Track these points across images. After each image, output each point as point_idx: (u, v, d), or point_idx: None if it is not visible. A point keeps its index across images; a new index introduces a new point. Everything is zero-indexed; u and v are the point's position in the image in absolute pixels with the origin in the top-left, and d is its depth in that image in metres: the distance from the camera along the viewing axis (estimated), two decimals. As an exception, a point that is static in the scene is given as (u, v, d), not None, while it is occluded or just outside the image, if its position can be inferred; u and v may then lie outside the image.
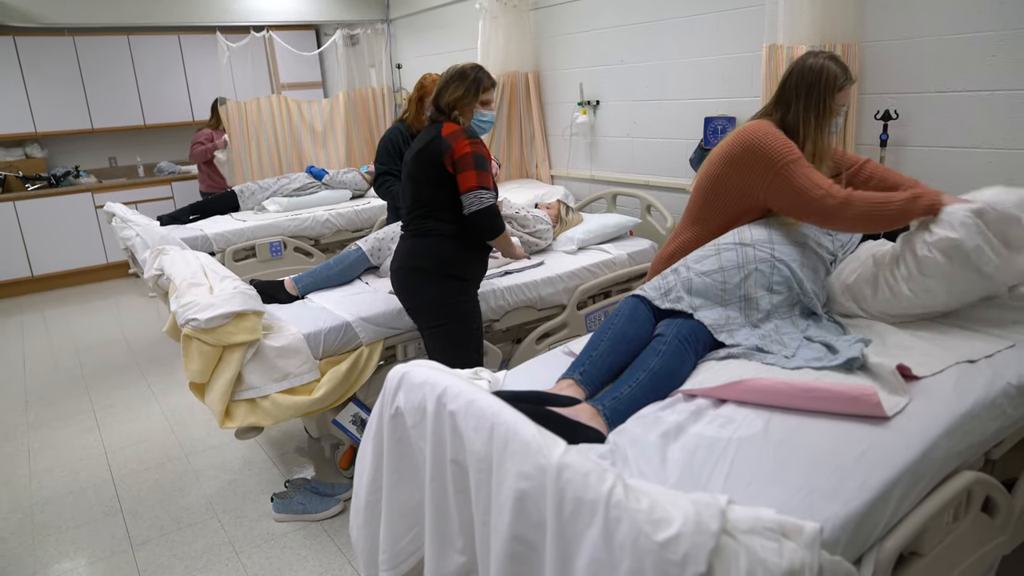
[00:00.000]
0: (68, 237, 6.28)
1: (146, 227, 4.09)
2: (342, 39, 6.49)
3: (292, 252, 4.67)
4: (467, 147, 2.44)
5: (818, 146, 2.15)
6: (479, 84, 2.53)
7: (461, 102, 2.52)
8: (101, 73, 6.43)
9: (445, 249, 2.55)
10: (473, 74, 2.54)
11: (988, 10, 2.62)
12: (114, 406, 3.82)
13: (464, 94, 2.52)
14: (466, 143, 2.44)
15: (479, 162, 2.44)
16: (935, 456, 1.42)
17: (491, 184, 2.48)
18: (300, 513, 2.69)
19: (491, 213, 2.47)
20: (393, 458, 1.46)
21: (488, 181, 2.46)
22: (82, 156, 6.78)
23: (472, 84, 2.52)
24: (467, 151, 2.44)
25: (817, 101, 2.12)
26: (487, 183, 2.46)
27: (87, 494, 2.96)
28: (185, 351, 2.45)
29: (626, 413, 1.60)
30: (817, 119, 2.13)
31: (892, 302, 2.04)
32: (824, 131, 2.16)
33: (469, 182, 2.43)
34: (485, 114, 2.58)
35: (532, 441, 1.12)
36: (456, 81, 2.53)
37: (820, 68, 2.12)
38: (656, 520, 1.00)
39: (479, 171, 2.44)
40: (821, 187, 2.02)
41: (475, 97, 2.54)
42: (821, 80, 2.11)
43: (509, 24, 4.64)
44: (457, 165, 2.45)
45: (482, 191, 2.43)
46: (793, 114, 2.15)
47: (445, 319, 2.56)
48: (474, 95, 2.53)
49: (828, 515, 1.22)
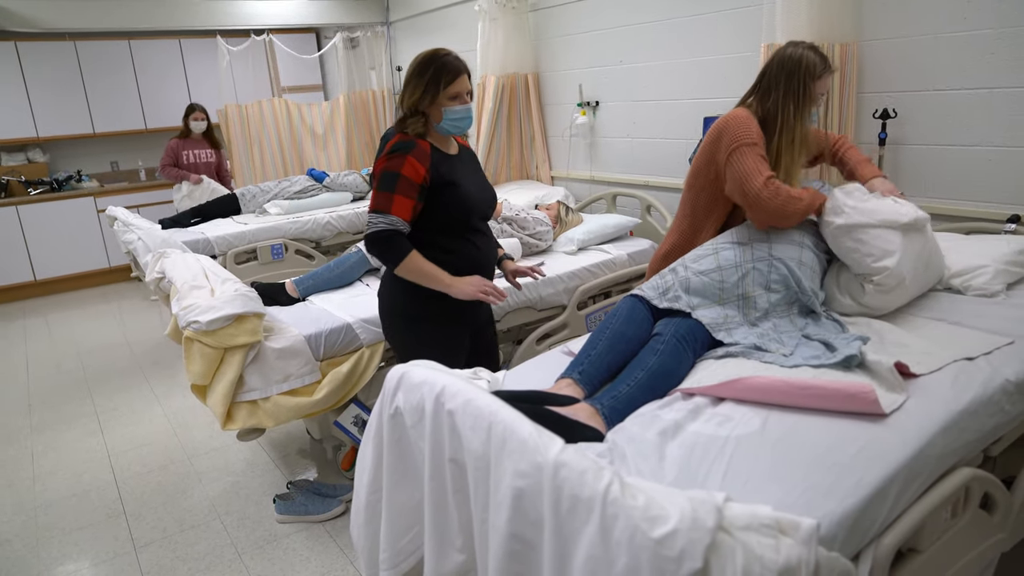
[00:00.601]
0: (70, 241, 6.30)
1: (148, 231, 4.11)
2: (342, 42, 6.51)
3: (293, 255, 4.68)
4: (380, 165, 2.11)
5: (797, 133, 2.17)
6: (439, 78, 2.08)
7: (422, 103, 2.11)
8: (102, 77, 6.46)
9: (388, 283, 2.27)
10: (432, 66, 2.09)
11: (986, 8, 2.62)
12: (117, 409, 3.83)
13: (424, 93, 2.09)
14: (383, 160, 2.10)
15: (384, 181, 2.07)
16: (932, 453, 1.43)
17: (391, 205, 2.05)
18: (302, 514, 2.70)
19: (376, 240, 2.07)
20: (392, 458, 1.47)
21: (387, 203, 2.05)
22: (84, 160, 6.81)
23: (431, 79, 2.08)
24: (378, 169, 2.11)
25: (796, 88, 2.15)
26: (386, 206, 2.05)
27: (90, 496, 2.97)
28: (187, 353, 2.46)
29: (624, 412, 1.61)
30: (796, 106, 2.16)
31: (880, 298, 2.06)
32: (803, 118, 2.18)
33: (371, 203, 2.11)
34: (455, 110, 2.12)
35: (529, 439, 1.13)
36: (414, 79, 2.11)
37: (799, 57, 2.16)
38: (652, 517, 1.01)
39: (379, 192, 2.07)
40: (761, 175, 2.08)
41: (437, 94, 2.09)
42: (800, 68, 2.14)
43: (508, 25, 4.65)
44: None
45: (373, 215, 2.07)
46: (772, 102, 2.18)
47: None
48: (434, 92, 2.08)
49: (825, 511, 1.23)
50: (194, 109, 5.58)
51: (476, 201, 2.20)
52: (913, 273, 2.06)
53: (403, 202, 2.06)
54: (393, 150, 2.09)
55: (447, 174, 2.13)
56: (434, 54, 2.12)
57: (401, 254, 2.08)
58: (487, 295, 2.11)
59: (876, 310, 2.08)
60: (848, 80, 2.97)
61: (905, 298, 2.11)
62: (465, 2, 5.25)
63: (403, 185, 2.05)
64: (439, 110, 2.12)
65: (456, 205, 2.14)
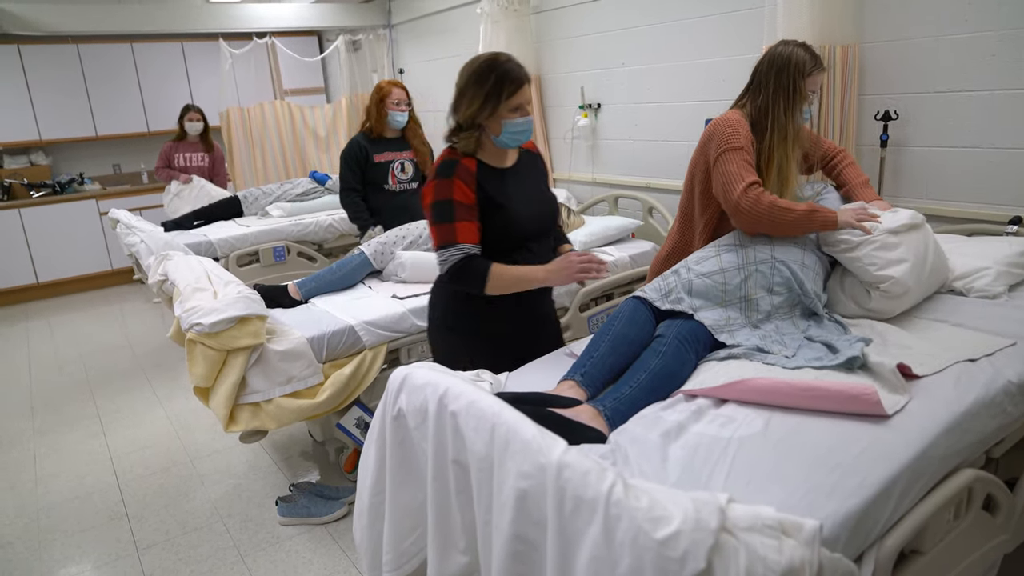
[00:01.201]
0: (73, 244, 6.31)
1: (150, 233, 4.11)
2: (344, 45, 6.53)
3: (295, 257, 4.69)
4: (429, 195, 1.99)
5: (789, 131, 2.16)
6: (501, 88, 1.92)
7: (482, 115, 1.95)
8: (105, 80, 6.47)
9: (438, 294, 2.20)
10: (493, 75, 1.92)
11: (988, 10, 2.62)
12: (119, 411, 3.84)
13: (483, 105, 1.94)
14: (430, 188, 1.99)
15: (439, 213, 1.97)
16: (935, 454, 1.43)
17: (455, 235, 1.95)
18: (305, 516, 2.70)
19: (456, 273, 1.97)
20: (395, 460, 1.47)
21: (451, 233, 1.96)
22: (86, 163, 6.82)
23: (492, 90, 1.92)
24: (428, 201, 2.00)
25: (786, 85, 2.14)
26: (451, 237, 1.96)
27: (93, 499, 2.98)
28: (189, 355, 2.47)
29: (627, 414, 1.61)
30: (786, 103, 2.15)
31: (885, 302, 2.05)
32: (794, 116, 2.17)
33: (434, 241, 2.01)
34: (516, 123, 1.96)
35: (532, 441, 1.13)
36: (471, 88, 1.94)
37: (788, 54, 2.15)
38: (656, 518, 1.01)
39: (439, 224, 1.97)
40: (743, 180, 2.07)
41: (498, 105, 1.93)
42: (790, 65, 2.14)
43: (510, 28, 4.66)
44: (427, 216, 2.04)
45: (442, 251, 1.98)
46: (763, 100, 2.18)
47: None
48: (495, 103, 1.93)
49: (828, 512, 1.23)
50: (189, 110, 5.52)
51: (525, 221, 2.07)
52: (917, 279, 2.06)
53: (466, 227, 1.96)
54: (438, 174, 1.99)
55: (495, 195, 2.01)
56: (494, 61, 1.94)
57: (484, 275, 1.96)
58: (587, 273, 1.95)
59: (881, 314, 2.08)
60: (849, 82, 2.97)
61: (910, 302, 2.10)
62: (467, 5, 5.26)
63: (460, 211, 1.96)
64: (499, 123, 1.96)
65: (502, 228, 2.02)
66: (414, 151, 3.67)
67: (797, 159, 2.27)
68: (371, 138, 3.59)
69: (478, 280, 1.97)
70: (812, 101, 2.21)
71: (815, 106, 2.26)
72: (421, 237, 3.33)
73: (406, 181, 3.67)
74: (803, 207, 2.05)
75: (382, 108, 3.54)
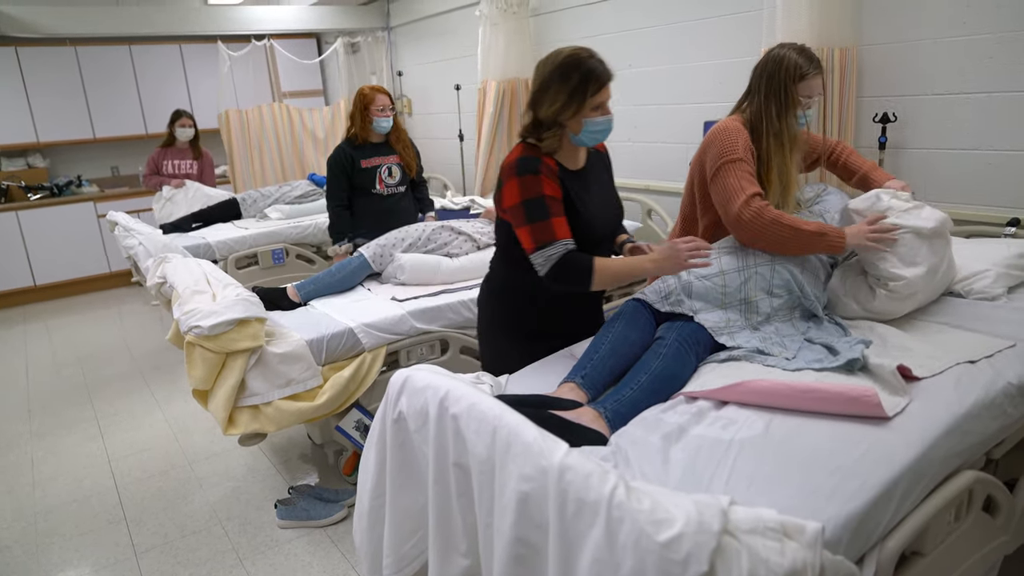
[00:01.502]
0: (70, 246, 6.30)
1: (149, 236, 4.09)
2: (343, 47, 6.53)
3: (294, 259, 4.68)
4: (516, 194, 1.88)
5: (785, 137, 2.13)
6: (586, 86, 1.85)
7: (565, 114, 1.88)
8: (103, 82, 6.46)
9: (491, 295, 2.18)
10: (578, 72, 1.84)
11: (985, 13, 2.63)
12: (117, 414, 3.83)
13: (567, 103, 1.86)
14: (515, 186, 1.88)
15: (533, 210, 1.86)
16: (935, 456, 1.43)
17: (553, 231, 1.87)
18: (304, 519, 2.69)
19: (558, 271, 1.86)
20: (396, 463, 1.47)
21: (548, 231, 1.86)
22: (84, 165, 6.81)
23: (578, 87, 1.85)
24: (515, 201, 1.88)
25: (777, 90, 2.11)
26: (549, 235, 1.86)
27: (91, 502, 2.97)
28: (188, 358, 2.46)
29: (628, 416, 1.61)
30: (778, 109, 2.11)
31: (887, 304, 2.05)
32: (786, 121, 2.13)
33: (527, 242, 1.89)
34: (597, 122, 1.90)
35: (534, 443, 1.13)
36: (556, 84, 1.85)
37: (780, 57, 2.11)
38: (658, 520, 1.01)
39: (534, 223, 1.86)
40: (743, 193, 2.04)
41: (583, 103, 1.86)
42: (781, 69, 2.10)
43: (509, 30, 4.67)
44: (511, 217, 1.93)
45: (539, 252, 1.87)
46: (756, 105, 2.16)
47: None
48: (580, 101, 1.86)
49: (830, 515, 1.23)
50: (180, 115, 5.36)
51: (598, 226, 2.03)
52: (926, 284, 2.06)
53: (561, 223, 1.89)
54: (522, 171, 1.88)
55: (574, 199, 1.95)
56: (578, 56, 1.86)
57: (589, 271, 1.86)
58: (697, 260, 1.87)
59: (883, 315, 2.07)
60: (848, 84, 2.98)
61: (913, 306, 2.09)
62: (466, 7, 5.27)
63: (553, 206, 1.88)
64: (579, 121, 1.89)
65: (574, 233, 1.93)
66: (399, 155, 3.68)
67: (797, 163, 2.27)
68: (356, 144, 3.60)
69: (584, 277, 1.87)
70: (809, 105, 2.16)
71: (813, 110, 2.19)
72: (420, 239, 3.33)
73: (393, 185, 3.69)
74: (811, 227, 1.99)
75: (367, 115, 3.56)
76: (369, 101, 3.54)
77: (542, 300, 2.06)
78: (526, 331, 2.12)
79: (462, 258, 3.34)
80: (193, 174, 5.48)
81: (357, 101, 3.58)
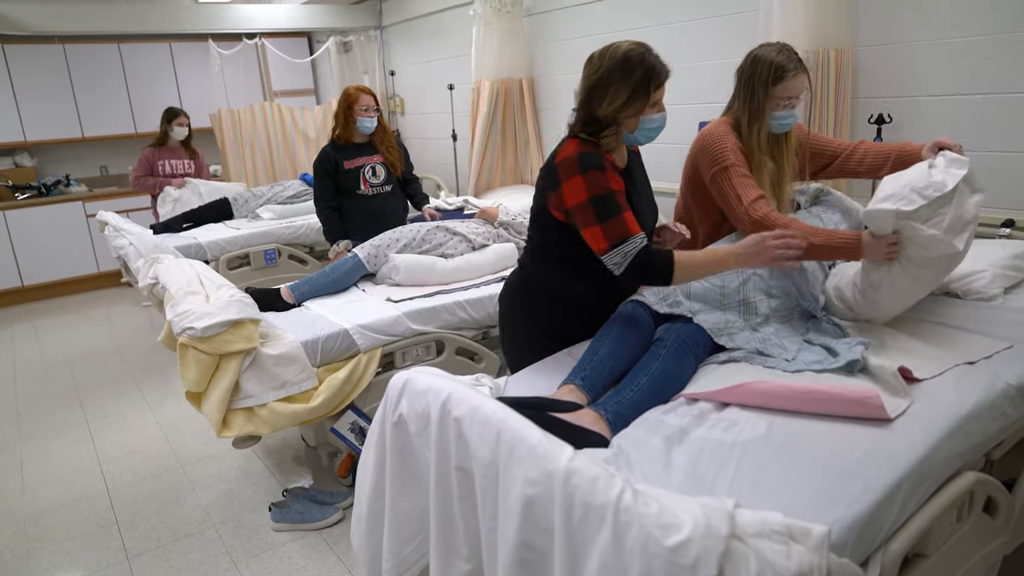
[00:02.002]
0: (59, 246, 6.24)
1: (139, 236, 4.07)
2: (335, 46, 6.50)
3: (287, 260, 4.65)
4: (582, 191, 1.78)
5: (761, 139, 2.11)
6: (649, 81, 1.78)
7: (626, 112, 1.81)
8: (92, 81, 6.40)
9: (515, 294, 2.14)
10: (641, 68, 1.77)
11: (981, 14, 2.64)
12: (108, 416, 3.79)
13: (629, 100, 1.79)
14: (580, 183, 1.78)
15: (604, 207, 1.78)
16: (938, 457, 1.43)
17: (628, 227, 1.78)
18: (299, 522, 2.67)
19: (638, 268, 1.78)
20: (396, 466, 1.45)
21: (623, 227, 1.78)
22: (72, 165, 6.74)
23: (640, 84, 1.78)
24: (583, 198, 1.78)
25: (754, 91, 2.10)
26: (624, 230, 1.78)
27: (81, 506, 2.93)
28: (181, 360, 2.43)
29: (629, 418, 1.60)
30: (753, 109, 2.10)
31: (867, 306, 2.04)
32: (764, 122, 2.11)
33: (598, 242, 1.79)
34: (654, 119, 1.86)
35: (539, 447, 1.12)
36: (618, 81, 1.77)
37: (757, 58, 2.10)
38: (666, 525, 1.00)
39: (607, 221, 1.77)
40: (743, 201, 2.05)
41: (646, 101, 1.80)
42: (757, 70, 2.09)
43: (503, 30, 4.66)
44: (574, 217, 1.84)
45: (616, 249, 1.78)
46: (738, 106, 2.16)
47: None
48: (644, 99, 1.80)
49: (835, 517, 1.22)
50: (177, 114, 5.25)
51: (647, 225, 1.99)
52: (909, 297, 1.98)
53: (631, 217, 1.80)
54: (586, 167, 1.79)
55: (629, 195, 1.90)
56: (638, 52, 1.78)
57: (669, 265, 1.77)
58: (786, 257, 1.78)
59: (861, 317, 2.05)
60: (843, 85, 2.98)
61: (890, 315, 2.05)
62: (459, 7, 5.25)
63: (622, 201, 1.81)
64: (637, 119, 1.83)
65: None
66: (382, 155, 3.67)
67: (793, 163, 2.26)
68: (339, 146, 3.59)
69: (666, 272, 1.78)
70: (793, 105, 2.12)
71: (797, 110, 2.14)
72: (415, 240, 3.31)
73: (378, 185, 3.67)
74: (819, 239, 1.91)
75: (350, 114, 3.54)
76: (353, 101, 3.53)
77: (576, 300, 2.02)
78: (554, 329, 2.06)
79: (457, 259, 3.32)
80: (191, 173, 5.39)
81: (341, 101, 3.57)
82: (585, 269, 1.96)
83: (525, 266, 2.14)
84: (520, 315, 2.13)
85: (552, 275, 2.02)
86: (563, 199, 1.84)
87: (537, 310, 2.08)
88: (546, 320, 2.07)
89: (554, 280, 2.03)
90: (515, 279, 2.18)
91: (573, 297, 2.02)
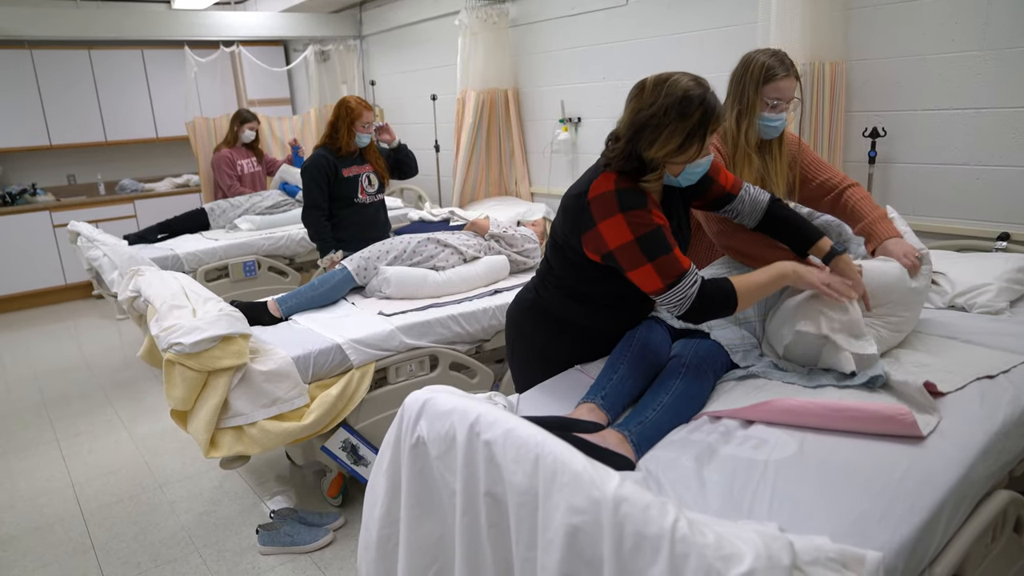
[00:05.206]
0: (24, 257, 6.00)
1: (113, 247, 3.91)
2: (313, 55, 6.39)
3: (266, 272, 4.52)
4: (626, 232, 1.63)
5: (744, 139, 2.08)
6: (707, 124, 1.61)
7: (677, 157, 1.64)
8: (60, 88, 6.19)
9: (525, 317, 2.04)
10: (701, 109, 1.59)
11: (973, 30, 2.66)
12: (79, 435, 3.62)
13: (683, 145, 1.61)
14: (621, 224, 1.63)
15: (652, 246, 1.63)
16: (976, 476, 1.39)
17: (680, 263, 1.65)
18: (288, 545, 2.55)
19: (700, 305, 1.66)
20: (414, 491, 1.37)
21: (675, 264, 1.64)
22: (39, 173, 6.51)
23: (699, 126, 1.60)
24: (627, 239, 1.63)
25: (742, 92, 2.07)
26: (677, 268, 1.64)
27: (54, 530, 2.77)
28: (167, 377, 2.32)
29: (653, 438, 1.54)
30: (741, 109, 2.07)
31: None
32: (750, 123, 2.07)
33: (652, 283, 1.65)
34: (700, 163, 1.69)
35: (584, 473, 1.05)
36: (673, 122, 1.58)
37: (750, 59, 2.07)
38: (726, 556, 0.94)
39: (658, 259, 1.63)
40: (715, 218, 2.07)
41: (700, 146, 1.64)
42: (749, 69, 2.06)
43: (489, 41, 4.61)
44: (617, 259, 1.68)
45: (675, 286, 1.64)
46: (729, 104, 2.12)
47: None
48: (699, 143, 1.63)
49: (883, 541, 1.17)
50: (249, 118, 5.23)
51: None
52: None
53: (679, 252, 1.67)
54: (627, 206, 1.63)
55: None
56: (698, 93, 1.59)
57: (732, 296, 1.66)
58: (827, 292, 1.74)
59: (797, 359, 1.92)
60: (838, 98, 2.99)
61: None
62: (441, 17, 5.20)
63: (670, 236, 1.67)
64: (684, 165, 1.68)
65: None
66: (371, 164, 3.66)
67: (783, 175, 2.22)
68: (338, 155, 3.52)
69: (730, 302, 1.67)
70: (780, 108, 2.07)
71: (785, 114, 2.10)
72: (405, 252, 3.23)
73: (373, 193, 3.66)
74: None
75: (352, 130, 3.48)
76: (356, 117, 3.47)
77: (591, 331, 1.94)
78: (565, 354, 1.98)
79: (449, 271, 3.25)
80: (260, 170, 5.43)
81: (344, 115, 3.47)
82: (605, 304, 1.90)
83: (539, 291, 2.00)
84: (531, 337, 2.04)
85: (568, 306, 1.93)
86: (603, 240, 1.68)
87: (550, 336, 1.99)
88: (558, 345, 1.99)
89: (570, 311, 1.93)
90: (527, 302, 2.04)
91: (588, 328, 1.94)
